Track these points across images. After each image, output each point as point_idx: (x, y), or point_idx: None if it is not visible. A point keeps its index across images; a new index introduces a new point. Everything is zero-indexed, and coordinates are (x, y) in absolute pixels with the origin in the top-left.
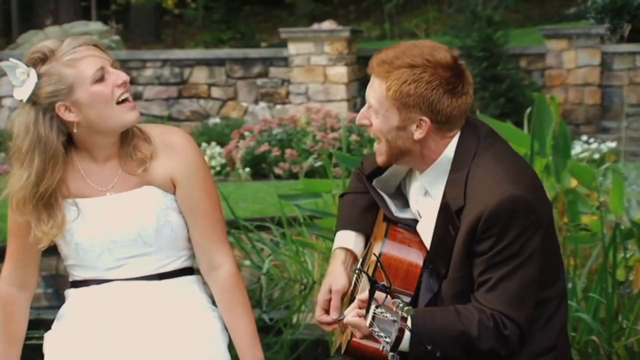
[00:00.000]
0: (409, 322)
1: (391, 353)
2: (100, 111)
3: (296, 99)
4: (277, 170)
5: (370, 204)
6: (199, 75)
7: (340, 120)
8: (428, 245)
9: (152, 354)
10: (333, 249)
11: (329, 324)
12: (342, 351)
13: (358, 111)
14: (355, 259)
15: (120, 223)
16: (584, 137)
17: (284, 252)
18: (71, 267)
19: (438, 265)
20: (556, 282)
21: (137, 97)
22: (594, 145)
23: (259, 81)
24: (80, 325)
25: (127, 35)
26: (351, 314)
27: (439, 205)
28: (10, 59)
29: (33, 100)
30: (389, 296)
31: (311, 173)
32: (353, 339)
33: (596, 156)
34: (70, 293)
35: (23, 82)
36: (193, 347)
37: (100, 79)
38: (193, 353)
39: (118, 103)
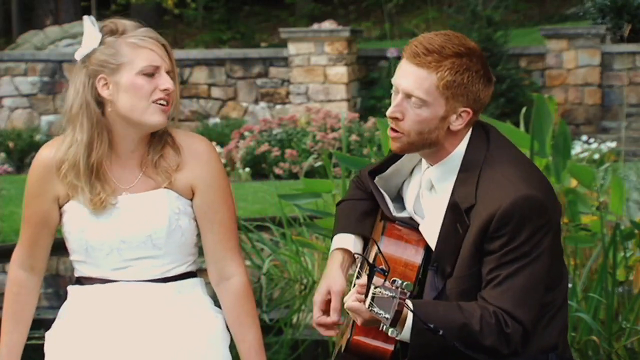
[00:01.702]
0: (409, 304)
1: (391, 329)
2: (133, 102)
3: (296, 99)
4: (277, 170)
5: (368, 209)
6: (199, 75)
7: (340, 120)
8: (432, 243)
9: (153, 354)
10: (331, 251)
11: (327, 327)
12: (342, 349)
13: (358, 111)
14: (354, 261)
15: (132, 224)
16: (584, 137)
17: (284, 252)
18: (77, 262)
19: (444, 263)
20: (559, 285)
21: None
22: (594, 145)
23: (259, 81)
24: (82, 324)
25: None
26: (351, 299)
27: (444, 204)
28: (91, 18)
29: (85, 63)
30: (387, 281)
31: (311, 173)
32: (353, 336)
33: (596, 156)
34: (73, 291)
35: (86, 44)
36: (194, 347)
37: (149, 75)
38: (194, 353)
39: (153, 102)
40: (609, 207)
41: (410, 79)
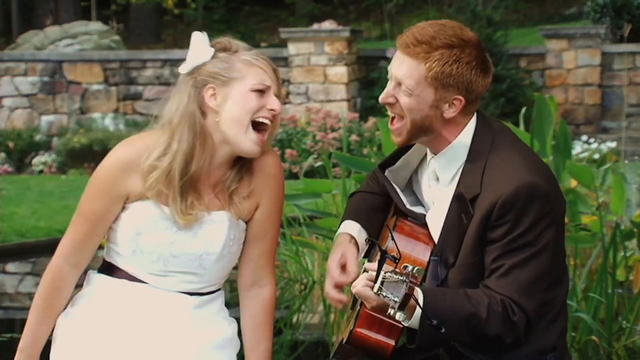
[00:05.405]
0: (419, 292)
1: (399, 312)
2: (239, 115)
3: (296, 99)
4: None
5: (380, 205)
6: None
7: (340, 120)
8: (437, 233)
9: (161, 355)
10: (337, 234)
11: (341, 287)
12: (345, 341)
13: (358, 111)
14: (358, 248)
15: (188, 241)
16: (584, 137)
17: (284, 252)
18: (117, 253)
19: (447, 253)
20: (562, 283)
21: (137, 97)
22: (594, 145)
23: None
24: (96, 317)
25: (127, 35)
26: (360, 284)
27: (449, 194)
28: (203, 34)
29: (193, 75)
30: (397, 268)
31: (311, 173)
32: (356, 328)
33: (596, 156)
34: (96, 279)
35: (196, 57)
36: (201, 347)
37: (259, 92)
38: (200, 353)
39: (254, 127)
40: (609, 207)
41: (402, 68)
